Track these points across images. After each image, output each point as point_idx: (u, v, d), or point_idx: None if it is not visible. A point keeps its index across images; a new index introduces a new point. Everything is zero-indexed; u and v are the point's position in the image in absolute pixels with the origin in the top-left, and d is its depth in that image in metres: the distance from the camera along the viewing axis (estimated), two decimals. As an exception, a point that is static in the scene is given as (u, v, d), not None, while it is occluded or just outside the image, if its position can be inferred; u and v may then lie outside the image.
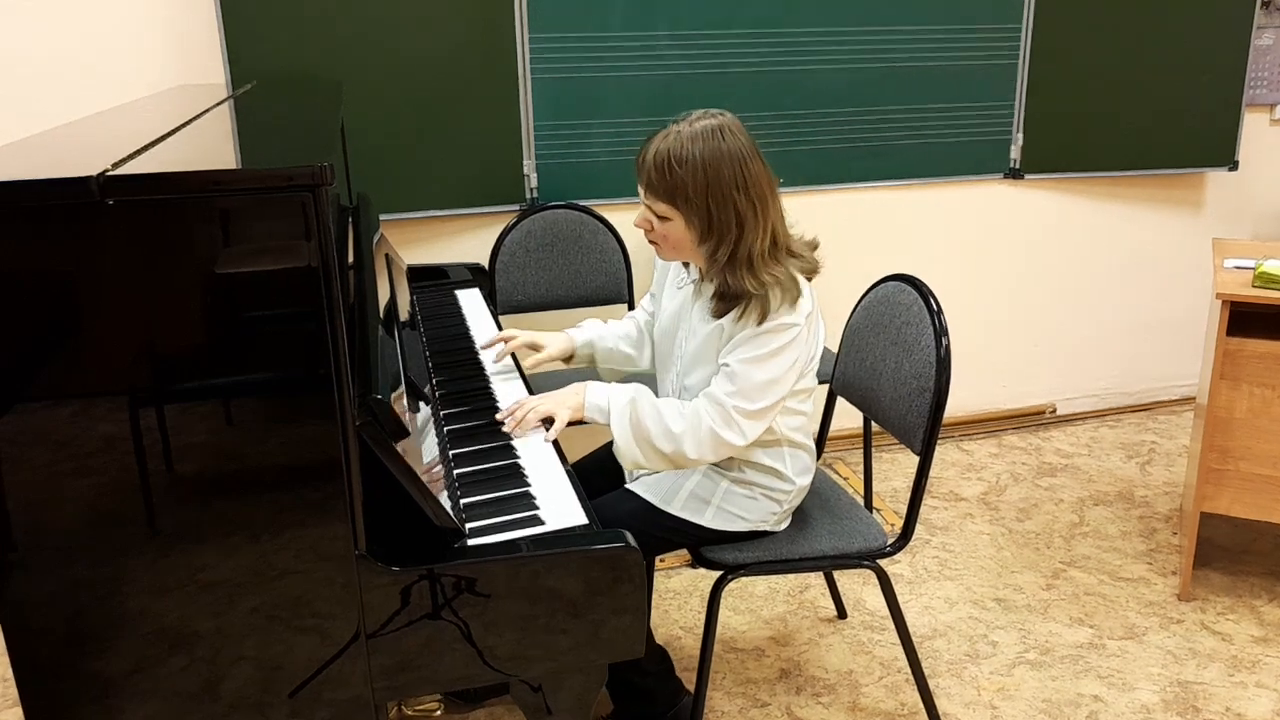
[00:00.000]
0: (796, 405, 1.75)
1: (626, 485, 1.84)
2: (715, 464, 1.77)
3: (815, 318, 1.68)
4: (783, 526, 1.84)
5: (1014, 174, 3.24)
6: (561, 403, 1.67)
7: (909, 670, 1.97)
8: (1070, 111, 3.20)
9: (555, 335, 1.93)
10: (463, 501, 1.42)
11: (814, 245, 1.72)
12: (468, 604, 1.25)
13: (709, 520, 1.76)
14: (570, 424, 1.67)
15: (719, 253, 1.59)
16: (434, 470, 1.41)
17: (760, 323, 1.59)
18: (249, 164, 1.17)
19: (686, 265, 1.80)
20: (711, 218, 1.57)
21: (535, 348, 1.90)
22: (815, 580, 2.57)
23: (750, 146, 1.59)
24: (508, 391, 1.85)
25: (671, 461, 1.66)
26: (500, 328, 2.24)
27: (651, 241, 1.68)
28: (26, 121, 2.41)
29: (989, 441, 3.42)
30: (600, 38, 2.72)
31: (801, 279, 1.64)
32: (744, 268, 1.58)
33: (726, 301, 1.62)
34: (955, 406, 3.40)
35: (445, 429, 1.67)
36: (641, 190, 1.63)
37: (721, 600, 1.86)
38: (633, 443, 1.64)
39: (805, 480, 1.81)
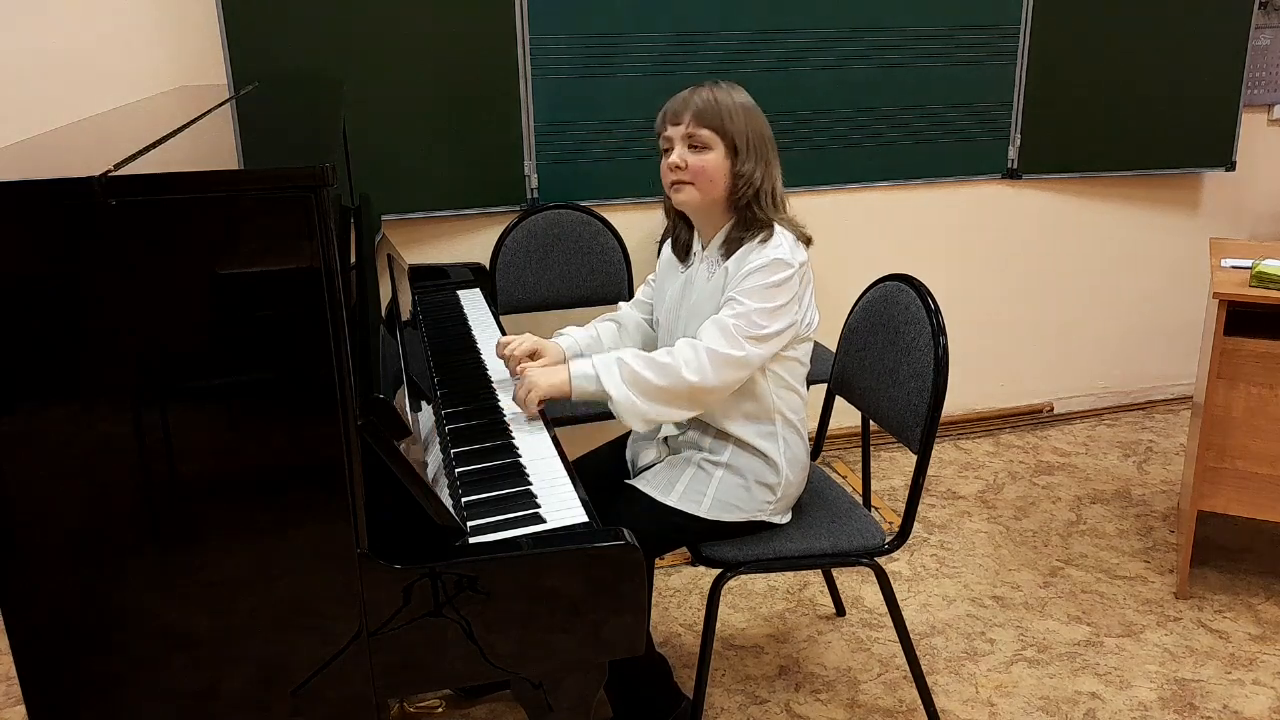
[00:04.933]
0: (790, 379, 1.78)
1: (627, 482, 1.85)
2: (708, 454, 1.79)
3: (808, 278, 1.76)
4: (783, 519, 1.85)
5: (1012, 174, 3.24)
6: (545, 378, 1.69)
7: (907, 667, 1.98)
8: (1068, 112, 3.20)
9: (552, 344, 1.93)
10: (464, 500, 1.42)
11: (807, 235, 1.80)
12: (469, 602, 1.25)
13: (706, 510, 1.77)
14: (565, 413, 1.69)
15: (754, 176, 1.71)
16: (435, 469, 1.42)
17: (763, 250, 1.69)
18: (251, 165, 1.17)
19: (685, 255, 1.86)
20: (749, 146, 1.71)
21: (535, 355, 1.90)
22: (814, 578, 2.58)
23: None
24: (509, 391, 1.85)
25: (674, 398, 1.65)
26: (501, 328, 2.25)
27: (680, 183, 1.73)
28: (27, 122, 2.41)
29: (986, 440, 3.43)
30: (600, 38, 2.73)
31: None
32: (767, 199, 1.73)
33: (742, 234, 1.73)
34: (953, 405, 3.41)
35: (447, 428, 1.68)
36: (682, 125, 1.71)
37: (721, 598, 1.86)
38: (630, 393, 1.64)
39: (796, 473, 1.82)
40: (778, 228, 1.72)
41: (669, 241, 1.92)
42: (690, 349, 1.66)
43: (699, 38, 2.81)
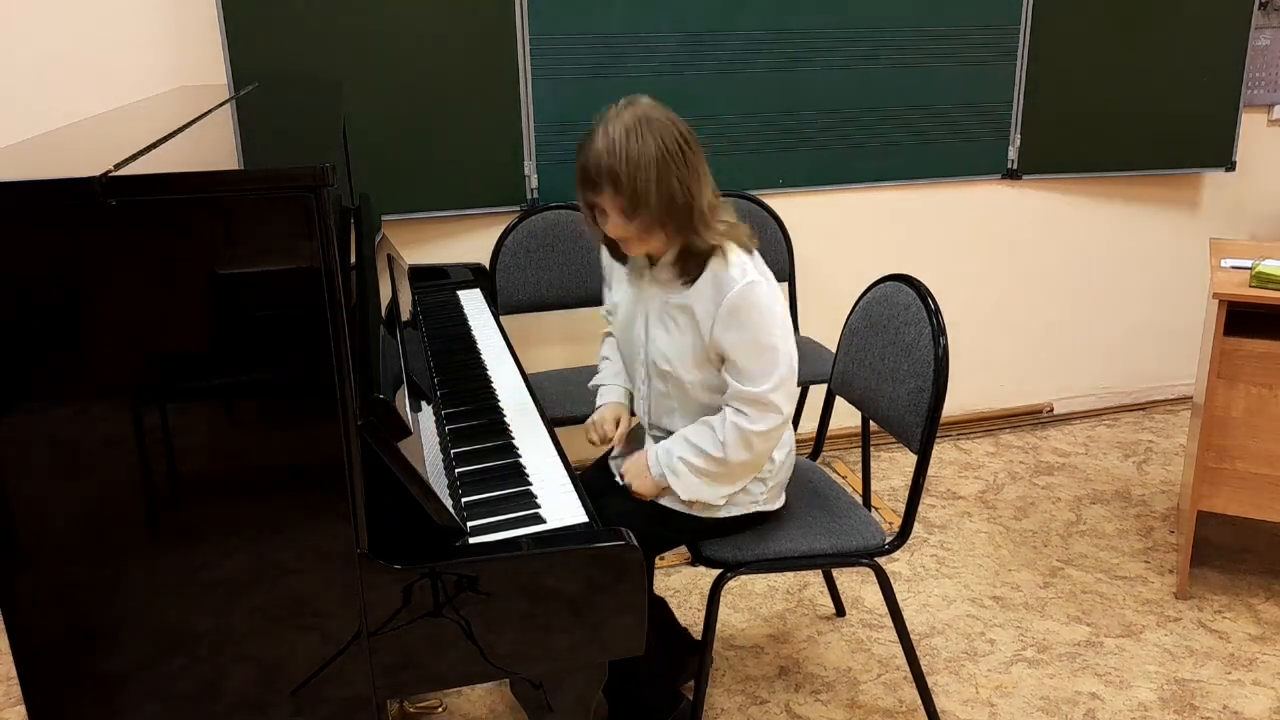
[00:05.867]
0: None
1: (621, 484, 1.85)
2: None
3: (768, 273, 1.71)
4: (777, 504, 1.84)
5: (1012, 174, 3.24)
6: (646, 487, 1.76)
7: (907, 668, 1.98)
8: (1068, 112, 3.20)
9: (613, 411, 1.89)
10: (464, 500, 1.43)
11: (750, 233, 1.74)
12: (469, 602, 1.25)
13: (700, 509, 1.77)
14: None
15: (684, 219, 1.62)
16: (435, 469, 1.42)
17: (728, 273, 1.63)
18: (251, 165, 1.17)
19: (622, 257, 1.81)
20: (671, 198, 1.60)
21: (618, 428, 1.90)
22: (814, 578, 2.58)
23: (670, 118, 1.65)
24: (509, 391, 1.85)
25: (739, 472, 1.72)
26: (501, 328, 2.25)
27: (628, 243, 1.68)
28: (27, 122, 2.41)
29: (986, 440, 3.43)
30: (600, 38, 2.73)
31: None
32: (701, 225, 1.63)
33: (687, 263, 1.66)
34: (953, 406, 3.41)
35: (447, 428, 1.68)
36: (603, 198, 1.62)
37: (721, 598, 1.86)
38: (702, 489, 1.72)
39: (784, 458, 1.82)
40: (727, 246, 1.65)
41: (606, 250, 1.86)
42: (732, 434, 1.67)
43: (699, 38, 2.80)
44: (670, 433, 1.79)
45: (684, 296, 1.68)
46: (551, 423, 1.74)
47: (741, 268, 1.64)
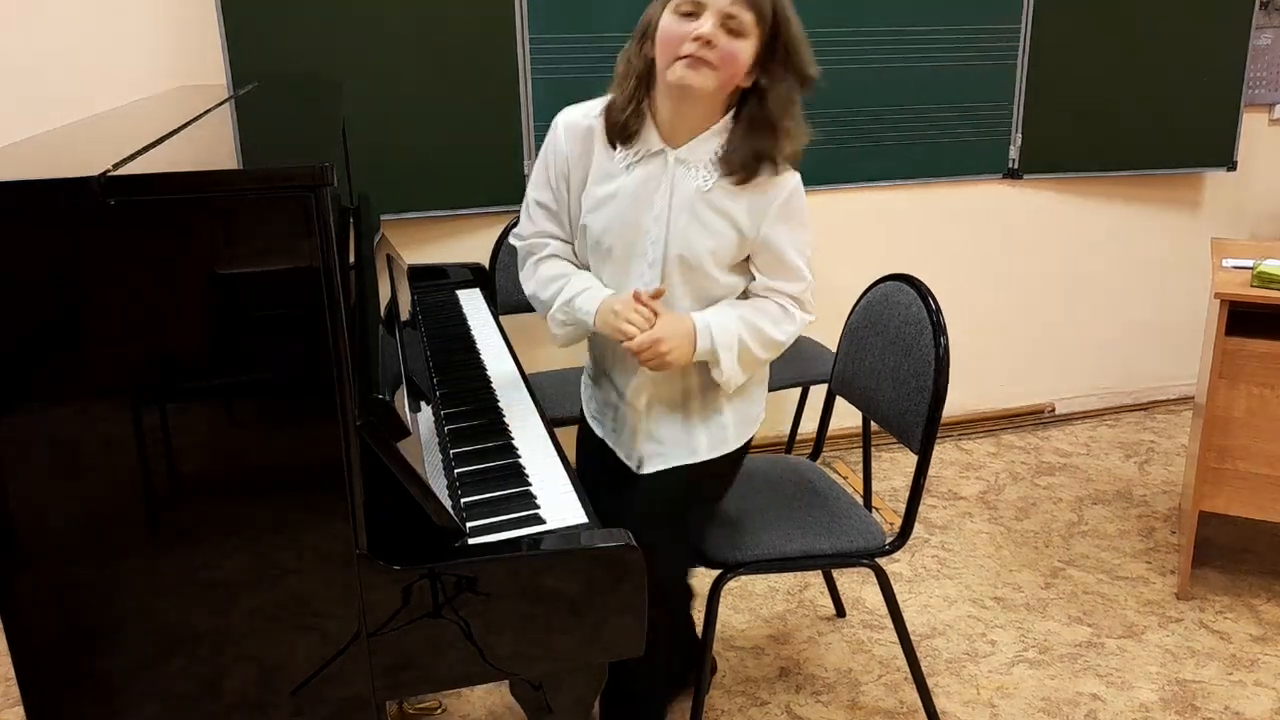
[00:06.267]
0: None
1: (644, 472, 1.74)
2: (706, 398, 1.72)
3: None
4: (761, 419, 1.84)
5: (1013, 174, 3.24)
6: (684, 356, 1.60)
7: (908, 669, 1.98)
8: (1069, 111, 3.20)
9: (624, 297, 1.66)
10: (463, 500, 1.42)
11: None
12: (468, 603, 1.25)
13: (734, 440, 1.75)
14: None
15: (775, 86, 1.59)
16: (434, 469, 1.42)
17: (774, 177, 1.63)
18: (250, 164, 1.17)
19: (615, 143, 1.68)
20: (787, 50, 1.59)
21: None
22: (814, 579, 2.58)
23: None
24: (509, 392, 1.85)
25: (766, 360, 1.71)
26: (501, 328, 2.25)
27: (702, 62, 1.51)
28: (27, 121, 2.41)
29: (987, 441, 3.42)
30: (600, 38, 2.73)
31: None
32: (778, 126, 1.62)
33: (756, 151, 1.61)
34: (954, 406, 3.40)
35: (446, 428, 1.68)
36: (737, 5, 1.51)
37: (721, 598, 1.86)
38: (735, 372, 1.65)
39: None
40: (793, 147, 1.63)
41: (569, 136, 1.74)
42: (792, 322, 1.67)
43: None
44: None
45: (730, 193, 1.61)
46: (551, 423, 1.73)
47: (788, 172, 1.64)
